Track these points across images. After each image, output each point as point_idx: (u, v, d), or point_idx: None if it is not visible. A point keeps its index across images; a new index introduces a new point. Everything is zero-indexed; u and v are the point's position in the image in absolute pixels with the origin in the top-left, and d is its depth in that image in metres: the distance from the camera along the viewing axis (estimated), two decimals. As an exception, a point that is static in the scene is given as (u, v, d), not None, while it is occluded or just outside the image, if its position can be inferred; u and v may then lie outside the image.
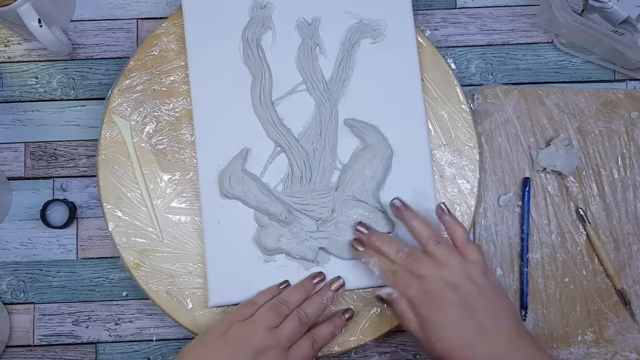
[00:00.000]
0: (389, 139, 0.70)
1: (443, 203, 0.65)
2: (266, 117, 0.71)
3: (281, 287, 0.67)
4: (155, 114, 0.72)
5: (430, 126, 0.72)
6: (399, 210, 0.66)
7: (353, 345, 0.69)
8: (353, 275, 0.69)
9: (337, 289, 0.67)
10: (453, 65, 0.75)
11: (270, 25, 0.72)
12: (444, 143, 0.72)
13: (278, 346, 0.62)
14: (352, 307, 0.68)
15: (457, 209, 0.71)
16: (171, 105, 0.72)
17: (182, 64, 0.73)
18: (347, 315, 0.67)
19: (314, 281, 0.67)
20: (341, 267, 0.69)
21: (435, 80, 0.72)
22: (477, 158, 0.72)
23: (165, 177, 0.72)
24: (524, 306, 0.71)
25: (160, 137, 0.72)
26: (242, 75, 0.71)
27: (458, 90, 0.72)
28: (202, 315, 0.69)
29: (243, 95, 0.71)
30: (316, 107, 0.71)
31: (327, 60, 0.72)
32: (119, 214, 0.71)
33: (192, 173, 0.71)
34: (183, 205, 0.71)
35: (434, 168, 0.71)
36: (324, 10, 0.72)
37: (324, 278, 0.68)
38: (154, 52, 0.73)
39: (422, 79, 0.72)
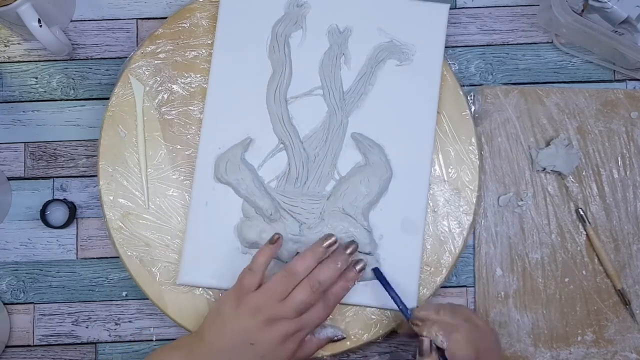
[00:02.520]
0: (392, 161, 0.70)
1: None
2: (276, 113, 0.71)
3: (273, 242, 0.65)
4: (171, 84, 0.73)
5: (435, 160, 0.71)
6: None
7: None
8: None
9: (352, 253, 0.65)
10: (473, 107, 0.74)
11: (303, 24, 0.72)
12: (445, 179, 0.71)
13: (288, 317, 0.62)
14: (363, 259, 0.67)
15: (443, 246, 0.70)
16: (188, 79, 0.73)
17: (209, 42, 0.73)
18: (358, 267, 0.66)
19: (325, 244, 0.64)
20: None
21: (451, 117, 0.72)
22: (474, 201, 0.71)
23: (166, 148, 0.72)
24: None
25: (170, 108, 0.72)
26: (263, 66, 0.72)
27: (472, 132, 0.72)
28: (168, 290, 0.70)
29: (259, 86, 0.71)
30: (327, 114, 0.71)
31: (350, 71, 0.72)
32: (112, 172, 0.71)
33: (192, 150, 0.72)
34: (176, 178, 0.72)
35: (429, 202, 0.71)
36: (358, 22, 0.72)
37: (336, 241, 0.65)
38: (184, 25, 0.73)
39: (438, 112, 0.71)
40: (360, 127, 0.71)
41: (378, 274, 0.67)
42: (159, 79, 0.73)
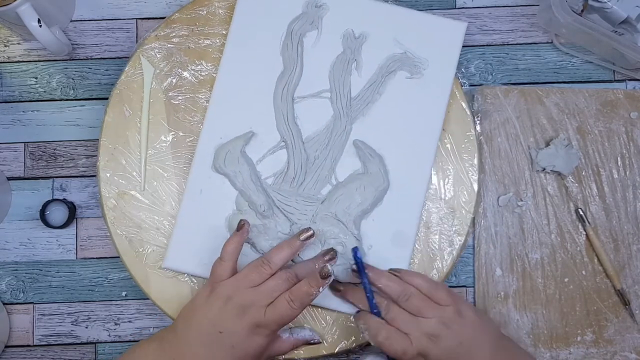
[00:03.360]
0: (390, 173, 0.70)
1: (391, 269, 0.65)
2: (282, 110, 0.71)
3: (239, 230, 0.65)
4: (181, 70, 0.73)
5: (434, 176, 0.71)
6: (364, 271, 0.64)
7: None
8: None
9: (329, 260, 0.65)
10: (479, 128, 0.73)
11: (319, 25, 0.72)
12: (441, 197, 0.71)
13: (258, 302, 0.61)
14: (328, 267, 0.63)
15: (431, 263, 0.70)
16: (199, 67, 0.73)
17: (223, 32, 0.73)
18: (324, 272, 0.62)
19: (301, 238, 0.65)
20: None
21: (455, 135, 0.72)
22: (469, 223, 0.71)
23: (168, 132, 0.72)
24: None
25: (178, 93, 0.73)
26: (275, 63, 0.72)
27: (475, 153, 0.71)
28: (153, 273, 0.70)
29: (269, 82, 0.72)
30: (332, 118, 0.71)
31: (360, 78, 0.72)
32: (112, 149, 0.72)
33: (194, 137, 0.72)
34: (175, 164, 0.72)
35: (423, 218, 0.71)
36: (374, 30, 0.72)
37: (313, 234, 0.66)
38: (201, 12, 0.73)
39: (443, 129, 0.71)
40: (363, 135, 0.71)
41: (357, 258, 0.65)
42: (169, 63, 0.73)
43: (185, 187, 0.70)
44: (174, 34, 0.73)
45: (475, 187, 0.71)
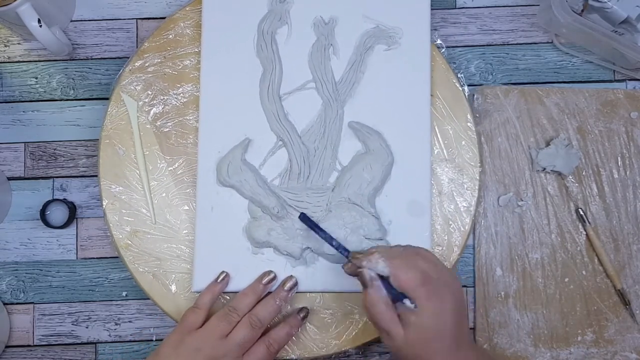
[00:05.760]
0: (392, 146, 0.70)
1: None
2: (272, 111, 0.71)
3: (218, 280, 0.67)
4: (164, 97, 0.73)
5: (434, 140, 0.72)
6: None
7: (332, 352, 0.69)
8: (338, 279, 0.68)
9: (290, 289, 0.67)
10: (467, 91, 0.74)
11: (287, 20, 0.72)
12: (446, 158, 0.71)
13: (230, 354, 0.62)
14: (305, 306, 0.68)
15: (452, 225, 0.71)
16: (180, 90, 0.73)
17: (196, 50, 0.73)
18: (302, 314, 0.67)
19: (263, 282, 0.67)
20: (328, 269, 0.69)
21: (445, 97, 0.72)
22: (478, 177, 0.71)
23: (165, 160, 0.72)
24: None
25: (166, 121, 0.72)
26: (253, 66, 0.72)
27: (467, 109, 0.72)
28: (185, 299, 0.69)
29: (252, 86, 0.71)
30: (322, 107, 0.71)
31: (339, 61, 0.72)
32: (115, 191, 0.71)
33: (192, 159, 0.72)
34: (179, 189, 0.71)
35: (433, 183, 0.71)
36: (342, 12, 0.72)
37: (275, 278, 0.67)
38: (170, 36, 0.73)
39: (432, 94, 0.71)
40: (356, 116, 0.71)
41: (305, 219, 0.66)
42: (150, 93, 0.72)
43: (195, 209, 0.70)
44: (147, 63, 0.73)
45: (476, 140, 0.71)
